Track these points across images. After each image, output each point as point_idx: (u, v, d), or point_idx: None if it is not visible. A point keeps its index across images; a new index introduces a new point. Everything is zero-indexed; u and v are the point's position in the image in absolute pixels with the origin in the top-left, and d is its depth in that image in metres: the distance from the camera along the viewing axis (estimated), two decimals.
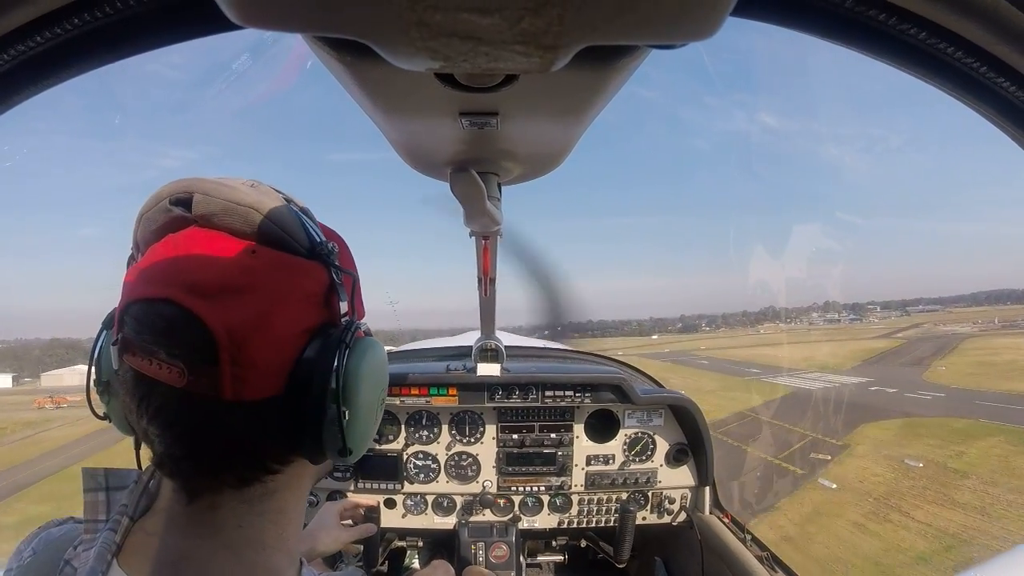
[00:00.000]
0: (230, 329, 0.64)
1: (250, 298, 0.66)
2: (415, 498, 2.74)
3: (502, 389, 2.58)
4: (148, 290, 0.67)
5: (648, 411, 2.71)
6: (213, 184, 0.70)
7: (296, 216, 0.74)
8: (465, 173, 0.86)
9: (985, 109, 0.64)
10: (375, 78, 0.59)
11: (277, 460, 0.74)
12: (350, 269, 0.79)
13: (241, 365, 0.65)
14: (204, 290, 0.65)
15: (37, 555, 0.75)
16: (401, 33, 0.40)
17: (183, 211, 0.70)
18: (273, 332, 0.68)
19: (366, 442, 0.80)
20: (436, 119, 0.70)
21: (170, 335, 0.65)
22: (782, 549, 2.27)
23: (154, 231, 0.72)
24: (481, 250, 1.67)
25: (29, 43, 0.59)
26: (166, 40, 0.66)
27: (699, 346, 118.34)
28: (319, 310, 0.73)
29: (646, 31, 0.42)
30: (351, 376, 0.72)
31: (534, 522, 2.77)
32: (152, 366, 0.65)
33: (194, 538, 0.71)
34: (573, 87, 0.61)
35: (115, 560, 0.70)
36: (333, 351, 0.71)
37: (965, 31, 0.56)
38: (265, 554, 0.75)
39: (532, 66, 0.45)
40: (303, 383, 0.69)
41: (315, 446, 0.72)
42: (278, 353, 0.69)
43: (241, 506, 0.73)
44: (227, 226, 0.70)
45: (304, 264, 0.72)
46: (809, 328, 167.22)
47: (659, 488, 2.75)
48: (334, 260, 0.75)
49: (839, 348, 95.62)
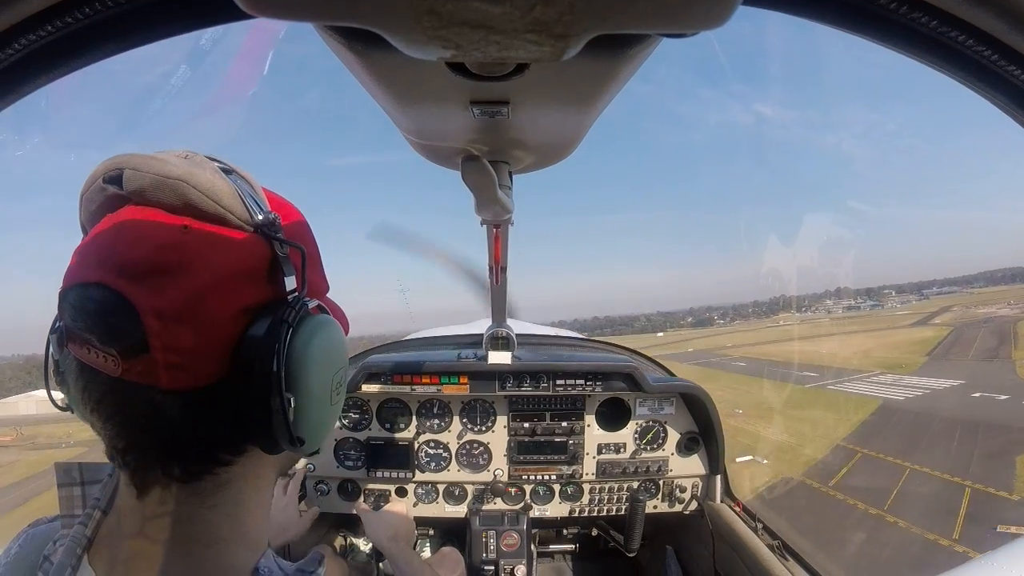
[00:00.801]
0: (160, 312, 0.60)
1: (181, 279, 0.62)
2: (426, 487, 2.77)
3: (513, 377, 2.59)
4: (83, 274, 0.63)
5: (659, 399, 2.71)
6: (143, 158, 0.66)
7: (231, 187, 0.68)
8: (476, 162, 0.86)
9: (996, 97, 0.63)
10: (386, 67, 0.59)
11: (228, 451, 0.70)
12: (298, 242, 0.71)
13: (174, 351, 0.61)
14: (134, 271, 0.61)
15: (22, 551, 0.74)
16: (413, 22, 0.40)
17: (116, 189, 0.66)
18: (207, 313, 0.63)
19: (321, 430, 0.75)
20: (447, 108, 0.70)
21: (101, 321, 0.61)
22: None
23: (93, 212, 0.69)
24: (492, 239, 1.67)
25: (40, 32, 0.59)
26: (176, 29, 0.66)
27: (722, 343, 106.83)
28: (261, 288, 0.68)
29: (657, 20, 0.41)
30: (296, 358, 0.67)
31: (545, 511, 2.79)
32: (90, 354, 0.62)
33: (146, 533, 0.68)
34: (584, 76, 0.61)
35: (85, 555, 0.68)
36: (275, 331, 0.65)
37: (976, 19, 0.55)
38: (216, 548, 0.70)
39: (543, 55, 0.45)
40: (244, 368, 0.65)
41: (265, 436, 0.67)
42: (215, 336, 0.64)
43: (191, 499, 0.69)
44: (159, 201, 0.65)
45: (241, 237, 0.67)
46: (830, 317, 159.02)
47: (670, 477, 2.75)
48: (276, 232, 0.69)
49: (882, 340, 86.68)
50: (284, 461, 0.83)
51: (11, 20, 0.57)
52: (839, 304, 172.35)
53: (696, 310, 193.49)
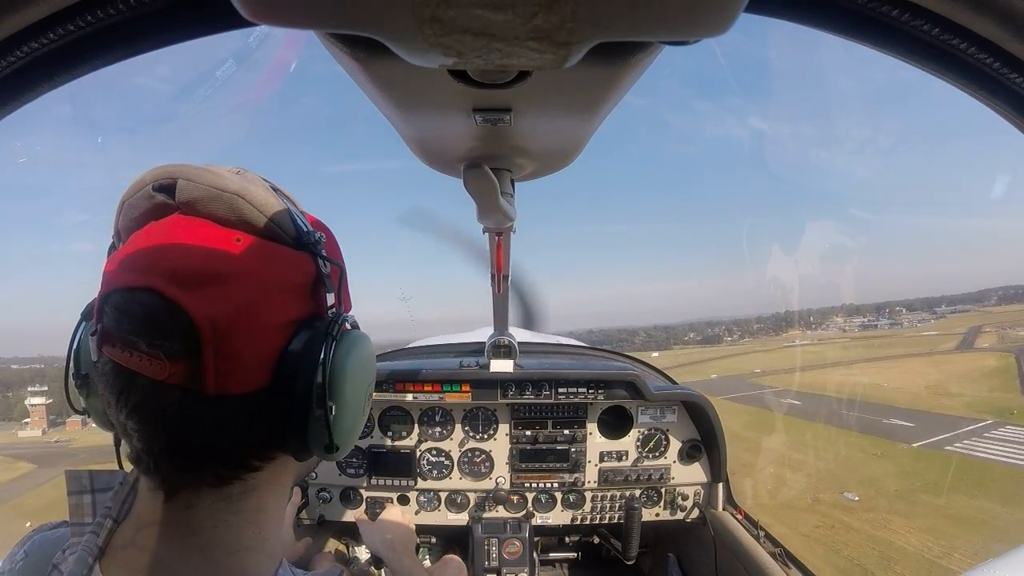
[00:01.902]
0: (213, 319, 0.62)
1: (234, 288, 0.64)
2: (428, 494, 2.75)
3: (515, 386, 2.58)
4: (128, 278, 0.64)
5: (661, 407, 2.70)
6: (197, 170, 0.68)
7: (282, 205, 0.72)
8: (478, 169, 0.86)
9: (996, 104, 0.63)
10: (388, 75, 0.59)
11: (259, 457, 0.71)
12: (337, 260, 0.76)
13: (224, 357, 0.63)
14: (186, 279, 0.62)
15: (28, 558, 0.74)
16: (414, 30, 0.40)
17: (166, 197, 0.68)
18: (258, 323, 0.66)
19: (353, 438, 0.78)
20: (449, 115, 0.70)
21: (151, 325, 0.62)
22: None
23: (136, 218, 0.70)
24: (494, 247, 1.67)
25: (43, 40, 0.60)
26: (177, 37, 0.66)
27: (745, 367, 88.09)
28: (305, 302, 0.72)
29: (659, 27, 0.41)
30: (337, 370, 0.70)
31: (547, 518, 2.77)
32: (132, 358, 0.63)
33: (168, 540, 0.69)
34: (586, 83, 0.61)
35: (97, 564, 0.68)
36: (319, 344, 0.69)
37: (978, 27, 0.55)
38: (239, 556, 0.72)
39: (545, 62, 0.45)
40: (288, 377, 0.67)
41: (300, 442, 0.70)
42: (262, 345, 0.67)
43: (218, 504, 0.70)
44: (211, 213, 0.67)
45: (290, 254, 0.70)
46: (847, 335, 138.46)
47: (672, 484, 2.74)
48: (321, 251, 0.73)
49: (940, 368, 71.79)
50: (301, 470, 0.85)
51: (13, 28, 0.58)
52: (850, 321, 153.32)
53: (697, 324, 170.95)
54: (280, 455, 0.74)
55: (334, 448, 0.72)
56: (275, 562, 0.76)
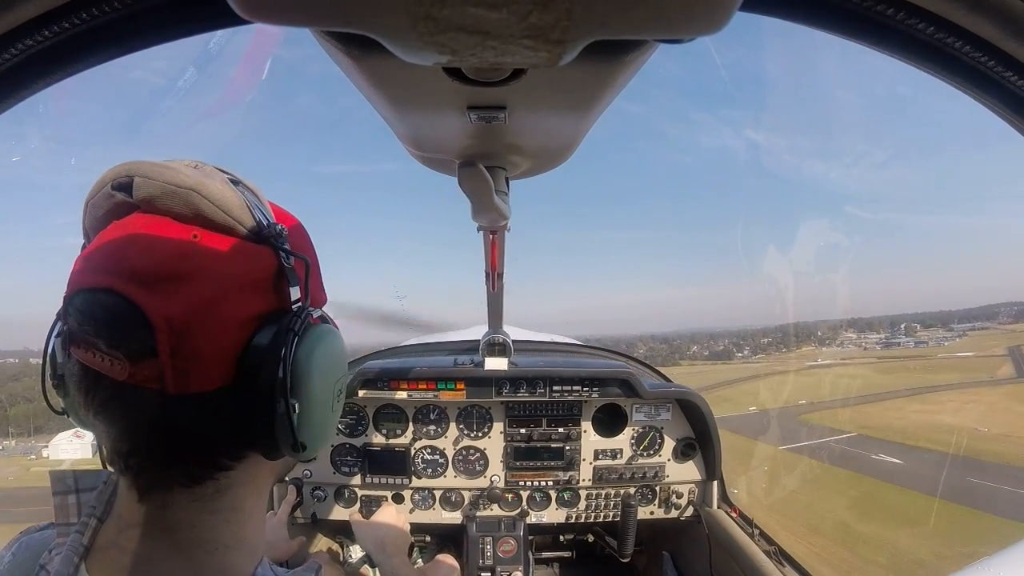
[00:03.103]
0: (170, 318, 0.62)
1: (192, 286, 0.64)
2: (423, 493, 2.75)
3: (510, 384, 2.58)
4: (91, 279, 0.64)
5: (656, 405, 2.70)
6: (153, 166, 0.67)
7: (240, 198, 0.70)
8: (473, 167, 0.86)
9: (993, 103, 0.63)
10: (383, 73, 0.59)
11: (229, 456, 0.71)
12: (302, 253, 0.75)
13: (183, 356, 0.62)
14: (145, 278, 0.62)
15: (15, 559, 0.74)
16: (409, 27, 0.40)
17: (125, 196, 0.67)
18: (216, 321, 0.65)
19: (323, 436, 0.77)
20: (444, 113, 0.70)
21: (110, 326, 0.62)
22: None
23: (99, 218, 0.70)
24: (489, 245, 1.67)
25: (37, 37, 0.59)
26: (173, 35, 0.66)
27: (786, 397, 69.22)
28: (267, 297, 0.70)
29: (654, 25, 0.41)
30: (301, 365, 0.69)
31: (542, 517, 2.78)
32: (95, 358, 0.63)
33: (148, 539, 0.69)
34: (581, 81, 0.61)
35: (83, 563, 0.68)
36: (281, 339, 0.68)
37: (974, 26, 0.56)
38: (219, 555, 0.72)
39: (540, 60, 0.45)
40: (249, 374, 0.67)
41: (267, 441, 0.69)
42: (222, 343, 0.66)
43: (193, 504, 0.70)
44: (168, 210, 0.66)
45: (250, 248, 0.69)
46: (868, 353, 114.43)
47: (667, 483, 2.75)
48: (283, 243, 0.71)
49: (1018, 400, 57.53)
50: (281, 468, 0.84)
51: (8, 25, 0.57)
52: (864, 337, 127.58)
53: (699, 336, 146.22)
54: (251, 454, 0.73)
55: (300, 447, 0.70)
56: (255, 560, 0.77)
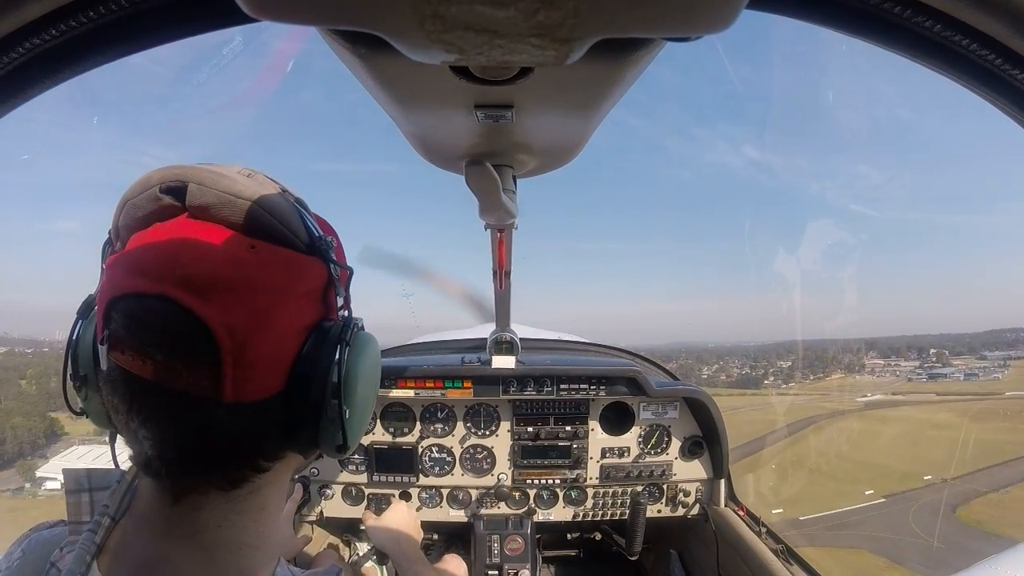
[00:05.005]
0: (231, 328, 0.61)
1: (250, 296, 0.63)
2: (430, 491, 2.76)
3: (517, 382, 2.58)
4: (139, 284, 0.62)
5: (663, 404, 2.70)
6: (208, 173, 0.66)
7: (294, 209, 0.71)
8: (480, 166, 0.86)
9: (999, 101, 0.63)
10: (390, 71, 0.59)
11: (268, 458, 0.72)
12: (345, 263, 0.77)
13: (243, 365, 0.62)
14: (201, 287, 0.61)
15: (25, 556, 0.74)
16: (416, 26, 0.40)
17: (173, 200, 0.66)
18: (275, 331, 0.65)
19: (360, 435, 0.79)
20: (451, 112, 0.70)
21: (166, 335, 0.61)
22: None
23: (139, 219, 0.68)
24: (496, 243, 1.67)
25: (44, 36, 0.59)
26: (180, 33, 0.66)
27: (852, 447, 52.15)
28: (317, 306, 0.72)
29: (661, 24, 0.41)
30: (351, 372, 0.71)
31: (549, 515, 2.78)
32: (146, 366, 0.61)
33: (171, 539, 0.69)
34: (588, 80, 0.61)
35: (95, 562, 0.67)
36: (334, 347, 0.70)
37: (980, 24, 0.55)
38: (240, 554, 0.72)
39: (547, 59, 0.45)
40: (303, 380, 0.68)
41: (310, 442, 0.71)
42: (279, 352, 0.67)
43: (224, 505, 0.70)
44: (223, 219, 0.66)
45: (303, 259, 0.70)
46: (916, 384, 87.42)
47: (674, 481, 2.75)
48: (332, 255, 0.73)
49: None
50: (300, 465, 0.85)
51: (14, 25, 0.58)
52: (895, 364, 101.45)
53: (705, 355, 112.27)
54: (288, 454, 0.74)
55: (347, 448, 0.73)
56: (273, 560, 0.78)
